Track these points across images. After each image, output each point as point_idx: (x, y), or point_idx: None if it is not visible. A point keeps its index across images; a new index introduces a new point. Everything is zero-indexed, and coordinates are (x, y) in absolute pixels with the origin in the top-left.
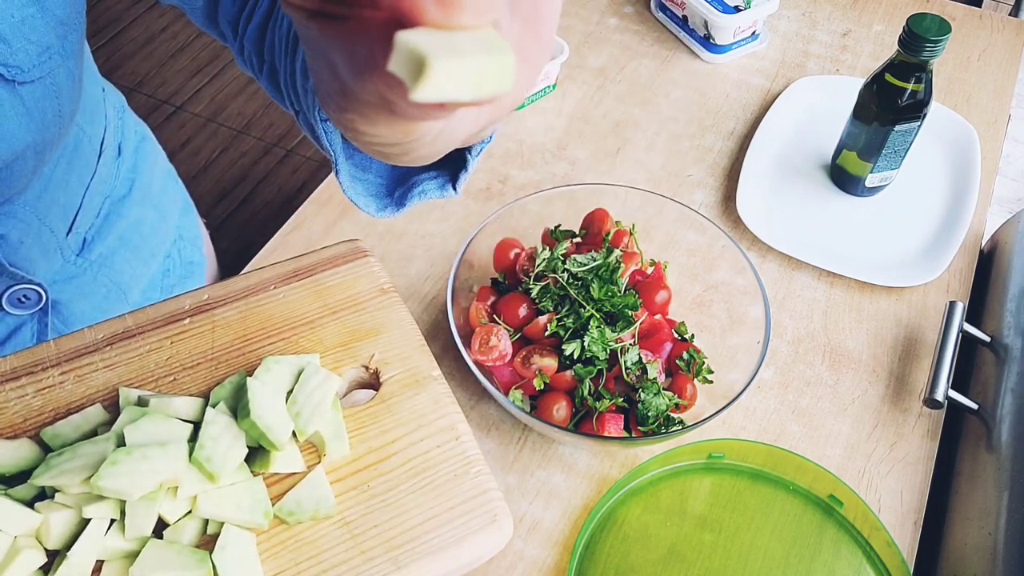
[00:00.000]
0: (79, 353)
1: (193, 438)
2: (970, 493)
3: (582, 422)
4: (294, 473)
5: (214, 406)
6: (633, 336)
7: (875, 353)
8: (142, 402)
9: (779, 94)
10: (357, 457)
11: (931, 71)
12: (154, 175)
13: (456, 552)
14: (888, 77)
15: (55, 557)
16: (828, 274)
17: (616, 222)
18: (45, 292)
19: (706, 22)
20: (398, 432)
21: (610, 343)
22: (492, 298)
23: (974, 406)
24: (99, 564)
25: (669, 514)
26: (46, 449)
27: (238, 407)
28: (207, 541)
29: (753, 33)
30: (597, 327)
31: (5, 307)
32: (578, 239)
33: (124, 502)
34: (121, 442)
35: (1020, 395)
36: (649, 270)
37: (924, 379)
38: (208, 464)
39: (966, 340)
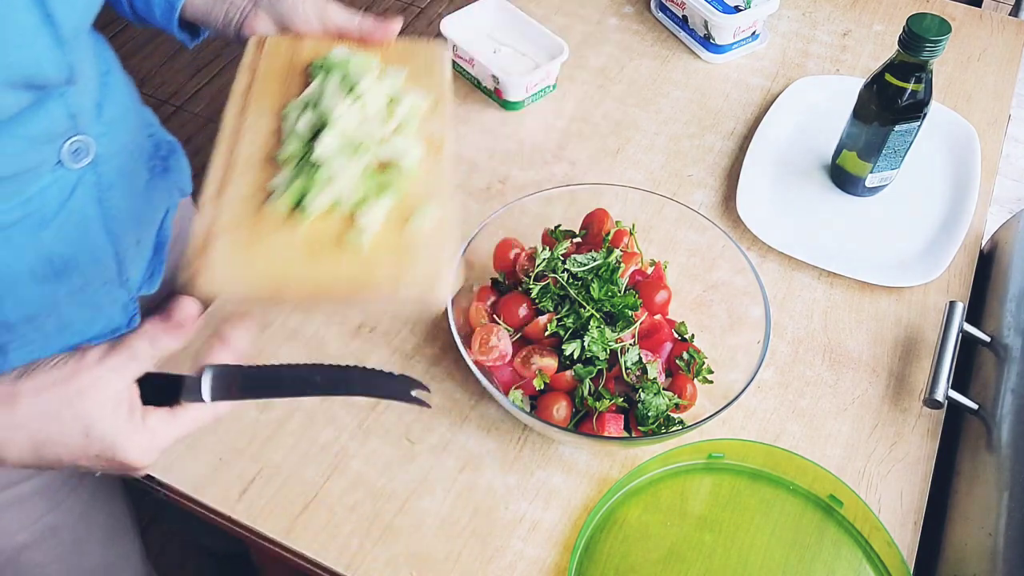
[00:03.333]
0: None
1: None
2: (970, 493)
3: (582, 422)
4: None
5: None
6: (633, 336)
7: (875, 353)
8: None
9: (779, 94)
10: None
11: (931, 71)
12: None
13: None
14: (888, 77)
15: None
16: (828, 274)
17: (616, 222)
18: (93, 144)
19: (706, 22)
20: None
21: (610, 343)
22: (492, 298)
23: (974, 406)
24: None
25: (669, 514)
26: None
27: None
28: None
29: (753, 33)
30: (597, 327)
31: (66, 162)
32: (578, 239)
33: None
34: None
35: (1020, 395)
36: (649, 270)
37: (924, 379)
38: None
39: (966, 340)
